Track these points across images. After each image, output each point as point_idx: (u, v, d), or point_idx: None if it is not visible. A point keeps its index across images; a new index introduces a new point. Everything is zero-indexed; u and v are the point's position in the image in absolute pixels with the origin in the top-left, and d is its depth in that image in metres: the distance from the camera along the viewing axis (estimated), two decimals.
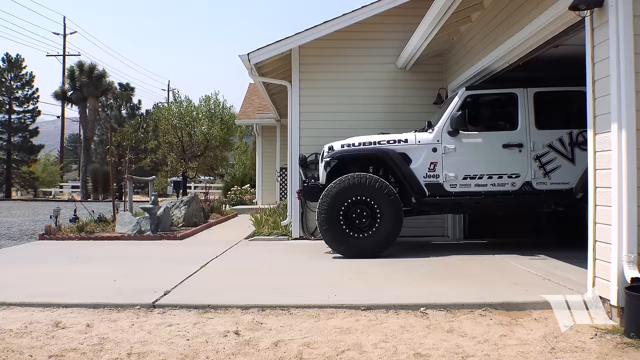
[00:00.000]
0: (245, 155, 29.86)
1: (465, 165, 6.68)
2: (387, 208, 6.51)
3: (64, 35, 37.07)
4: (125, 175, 12.63)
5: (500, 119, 7.15)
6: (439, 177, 6.67)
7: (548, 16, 5.01)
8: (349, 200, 6.55)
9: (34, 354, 3.21)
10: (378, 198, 6.51)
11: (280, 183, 16.26)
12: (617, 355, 3.13)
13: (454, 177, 6.65)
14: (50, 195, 32.33)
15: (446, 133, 6.68)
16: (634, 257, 3.60)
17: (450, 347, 3.26)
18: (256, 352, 3.23)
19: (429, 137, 6.77)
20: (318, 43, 8.60)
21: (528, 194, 6.62)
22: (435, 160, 6.69)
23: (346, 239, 6.59)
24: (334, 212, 6.56)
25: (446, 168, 6.67)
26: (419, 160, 6.70)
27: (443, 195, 6.70)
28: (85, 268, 6.14)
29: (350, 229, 6.59)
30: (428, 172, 6.68)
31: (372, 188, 6.51)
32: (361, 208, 6.58)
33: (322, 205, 6.62)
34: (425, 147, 6.72)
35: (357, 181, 6.56)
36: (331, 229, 6.59)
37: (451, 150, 6.66)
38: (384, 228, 6.53)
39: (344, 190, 6.55)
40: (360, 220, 6.59)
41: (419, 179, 6.69)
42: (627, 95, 3.65)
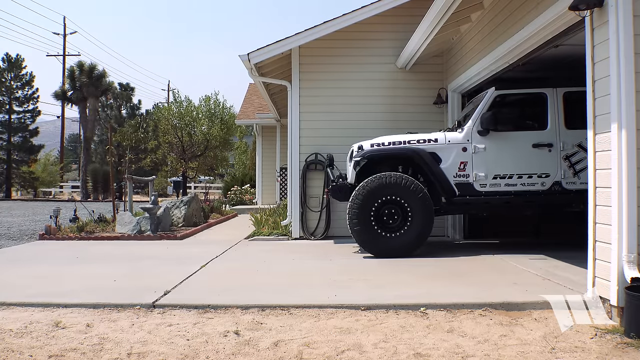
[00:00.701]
0: (245, 155, 29.89)
1: (495, 164, 6.67)
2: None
3: (64, 35, 37.09)
4: (125, 175, 12.64)
5: (529, 119, 7.15)
6: (469, 177, 6.68)
7: (548, 16, 5.01)
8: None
9: (34, 354, 3.21)
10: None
11: (280, 183, 16.26)
12: (617, 355, 3.13)
13: (484, 177, 6.66)
14: (50, 195, 32.34)
15: (476, 133, 6.68)
16: (634, 257, 3.60)
17: (450, 347, 3.26)
18: (256, 352, 3.23)
19: (459, 136, 6.78)
20: (318, 43, 8.61)
21: (558, 194, 6.63)
22: (465, 160, 6.69)
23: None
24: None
25: (476, 168, 6.68)
26: (449, 160, 6.71)
27: (473, 195, 6.70)
28: (85, 268, 6.14)
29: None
30: (458, 171, 6.69)
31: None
32: (392, 207, 6.57)
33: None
34: (455, 147, 6.73)
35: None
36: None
37: (481, 149, 6.66)
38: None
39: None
40: (391, 219, 6.58)
41: (449, 178, 6.70)
42: (627, 95, 3.65)
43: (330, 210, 8.77)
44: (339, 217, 8.80)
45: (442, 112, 8.85)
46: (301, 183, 8.79)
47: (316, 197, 8.83)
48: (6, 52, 47.71)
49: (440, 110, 8.86)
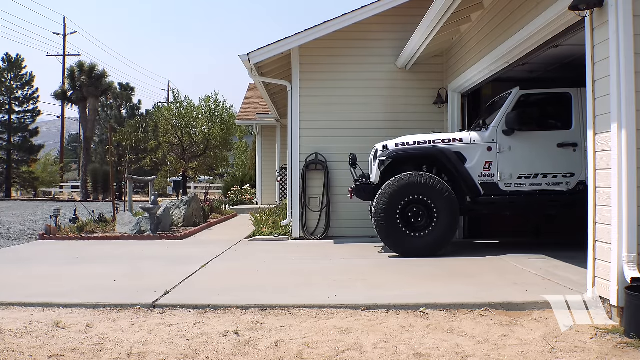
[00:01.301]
0: (245, 155, 29.89)
1: (520, 164, 6.68)
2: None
3: (64, 35, 37.09)
4: (125, 175, 12.64)
5: (554, 119, 7.15)
6: (494, 177, 6.68)
7: (548, 16, 5.01)
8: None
9: (34, 354, 3.21)
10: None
11: (280, 183, 16.26)
12: (617, 355, 3.13)
13: (509, 177, 6.66)
14: (50, 195, 32.33)
15: (501, 132, 6.68)
16: (634, 257, 3.60)
17: (450, 347, 3.26)
18: (256, 352, 3.23)
19: (483, 136, 6.78)
20: (318, 43, 8.60)
21: (582, 193, 6.64)
22: (490, 160, 6.70)
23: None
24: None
25: (501, 167, 6.68)
26: (474, 160, 6.71)
27: (498, 195, 6.71)
28: (85, 268, 6.14)
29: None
30: (483, 171, 6.70)
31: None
32: (418, 207, 6.58)
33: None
34: (480, 147, 6.73)
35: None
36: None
37: (506, 149, 6.67)
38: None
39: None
40: (417, 219, 6.58)
41: (474, 178, 6.70)
42: (627, 95, 3.65)
43: (330, 210, 8.77)
44: (339, 217, 8.81)
45: (442, 112, 8.85)
46: (301, 183, 8.79)
47: (316, 197, 8.83)
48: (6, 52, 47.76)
49: (440, 110, 8.86)
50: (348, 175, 8.84)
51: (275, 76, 9.54)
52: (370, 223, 8.69)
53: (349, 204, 8.82)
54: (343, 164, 8.86)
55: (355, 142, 8.84)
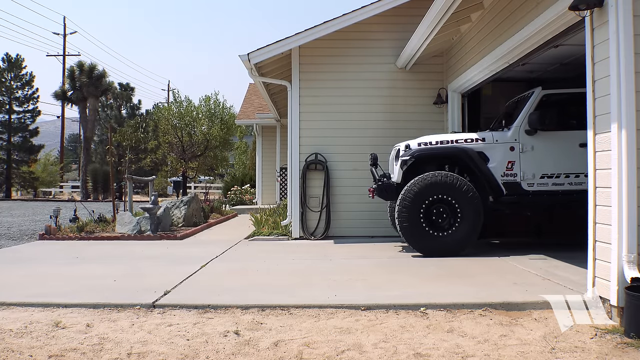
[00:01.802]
0: (245, 155, 29.91)
1: (542, 164, 6.67)
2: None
3: (64, 35, 37.09)
4: (125, 175, 12.64)
5: (576, 118, 7.15)
6: (517, 176, 6.68)
7: (548, 16, 5.01)
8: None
9: (34, 354, 3.21)
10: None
11: (280, 183, 16.26)
12: (617, 355, 3.13)
13: (531, 176, 6.66)
14: (50, 195, 32.34)
15: (524, 132, 6.67)
16: (634, 257, 3.60)
17: (450, 347, 3.26)
18: (256, 352, 3.23)
19: (506, 136, 6.77)
20: (318, 43, 8.60)
21: None
22: (512, 159, 6.69)
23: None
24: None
25: (524, 167, 6.67)
26: (497, 159, 6.71)
27: (520, 194, 6.70)
28: (85, 268, 6.14)
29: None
30: (505, 170, 6.69)
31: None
32: (442, 207, 6.57)
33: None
34: (503, 146, 6.73)
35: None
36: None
37: (529, 149, 6.66)
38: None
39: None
40: (441, 218, 6.58)
41: (497, 177, 6.70)
42: (627, 95, 3.65)
43: (330, 210, 8.77)
44: (339, 217, 8.82)
45: (442, 112, 8.86)
46: (301, 183, 8.79)
47: (316, 197, 8.83)
48: (6, 52, 47.74)
49: (440, 110, 8.86)
50: (348, 175, 8.87)
51: (275, 76, 9.54)
52: (369, 223, 8.75)
53: (349, 204, 8.84)
54: (343, 164, 8.87)
55: (355, 142, 8.85)
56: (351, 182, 8.84)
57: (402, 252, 7.15)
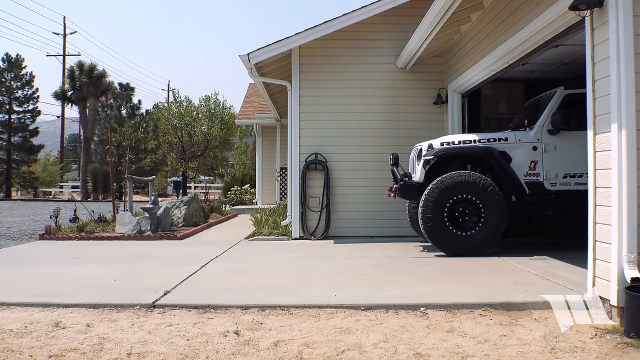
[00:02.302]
0: (245, 155, 29.92)
1: (565, 163, 6.67)
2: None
3: (64, 35, 37.10)
4: (125, 175, 12.64)
5: None
6: (539, 176, 6.69)
7: (548, 16, 5.01)
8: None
9: (34, 354, 3.21)
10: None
11: (280, 183, 16.26)
12: (617, 355, 3.13)
13: (554, 176, 6.66)
14: (50, 195, 32.34)
15: (546, 132, 6.68)
16: (634, 257, 3.60)
17: (450, 347, 3.26)
18: (256, 352, 3.23)
19: (528, 135, 6.77)
20: (318, 43, 8.61)
21: None
22: (535, 159, 6.69)
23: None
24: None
25: (546, 166, 6.68)
26: (519, 159, 6.71)
27: (543, 194, 6.71)
28: (85, 268, 6.14)
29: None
30: (528, 170, 6.69)
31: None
32: (466, 206, 6.56)
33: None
34: (525, 146, 6.73)
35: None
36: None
37: (551, 148, 6.66)
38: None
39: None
40: (464, 218, 6.57)
41: (519, 177, 6.70)
42: (627, 95, 3.65)
43: (330, 210, 8.77)
44: (339, 217, 8.82)
45: (442, 112, 8.86)
46: (301, 183, 8.79)
47: (316, 197, 8.83)
48: (6, 52, 47.74)
49: (440, 110, 8.86)
50: (348, 175, 8.87)
51: (275, 76, 9.54)
52: (369, 223, 8.75)
53: (349, 204, 8.84)
54: (343, 164, 8.88)
55: (355, 142, 8.86)
56: (351, 182, 8.85)
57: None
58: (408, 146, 8.80)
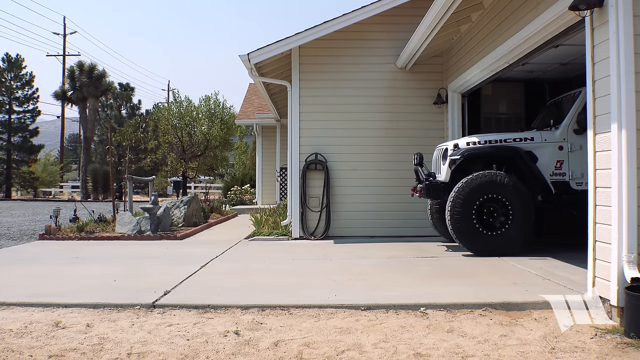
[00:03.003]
0: (245, 155, 29.92)
1: None
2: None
3: (64, 35, 37.10)
4: (125, 175, 12.64)
5: None
6: (565, 175, 6.69)
7: (548, 16, 5.01)
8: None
9: (34, 354, 3.21)
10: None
11: (280, 183, 16.26)
12: (617, 355, 3.13)
13: (580, 176, 6.65)
14: (50, 195, 32.34)
15: (572, 131, 6.67)
16: (634, 257, 3.60)
17: (450, 347, 3.26)
18: (256, 352, 3.23)
19: (554, 135, 6.76)
20: (318, 43, 8.61)
21: None
22: (561, 159, 6.70)
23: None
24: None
25: (572, 166, 6.67)
26: (545, 159, 6.70)
27: (569, 194, 6.70)
28: (85, 268, 6.14)
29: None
30: (554, 170, 6.69)
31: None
32: (494, 206, 6.55)
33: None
34: (551, 146, 6.72)
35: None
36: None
37: (577, 148, 6.64)
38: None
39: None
40: (492, 218, 6.55)
41: (546, 177, 6.70)
42: (627, 95, 3.65)
43: (330, 210, 8.77)
44: (339, 217, 8.82)
45: (442, 112, 8.86)
46: (301, 183, 8.79)
47: (316, 197, 8.83)
48: (6, 52, 47.74)
49: (440, 110, 8.86)
50: (348, 175, 8.87)
51: (275, 76, 9.54)
52: (369, 223, 8.75)
53: (349, 204, 8.84)
54: (343, 164, 8.88)
55: (355, 142, 8.86)
56: (351, 182, 8.85)
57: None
58: (408, 146, 8.83)
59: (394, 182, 8.79)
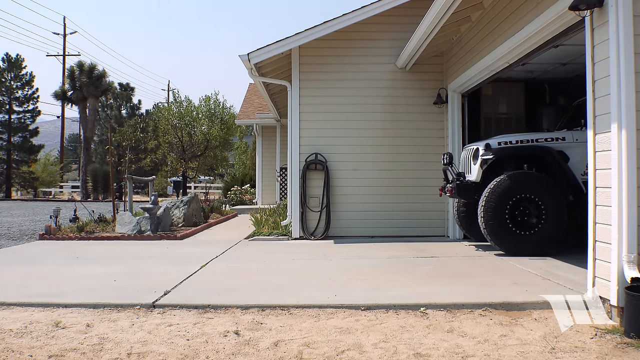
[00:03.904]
0: (245, 155, 29.91)
1: None
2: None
3: (64, 35, 37.09)
4: (125, 175, 12.64)
5: None
6: None
7: (548, 16, 5.01)
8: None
9: (34, 354, 3.21)
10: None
11: (280, 183, 16.27)
12: (617, 355, 3.13)
13: None
14: (50, 195, 32.34)
15: None
16: (634, 257, 3.60)
17: (450, 347, 3.26)
18: (256, 352, 3.23)
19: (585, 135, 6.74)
20: (318, 43, 8.61)
21: None
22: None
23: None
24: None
25: None
26: (577, 158, 6.68)
27: None
28: (85, 268, 6.14)
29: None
30: (585, 169, 6.61)
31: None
32: (527, 205, 6.52)
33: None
34: (583, 145, 6.65)
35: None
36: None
37: None
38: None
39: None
40: (526, 217, 6.53)
41: (577, 176, 6.69)
42: (627, 95, 3.65)
43: (330, 210, 8.77)
44: (339, 217, 8.82)
45: (442, 112, 8.86)
46: (301, 183, 8.79)
47: (316, 197, 8.83)
48: (6, 52, 47.71)
49: (440, 110, 8.86)
50: (348, 175, 8.88)
51: (275, 76, 9.54)
52: (369, 223, 8.75)
53: (349, 204, 8.84)
54: (343, 164, 8.88)
55: (355, 142, 8.86)
56: (351, 182, 8.85)
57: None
58: (408, 146, 8.83)
59: (394, 182, 8.80)
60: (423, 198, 8.76)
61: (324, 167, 8.79)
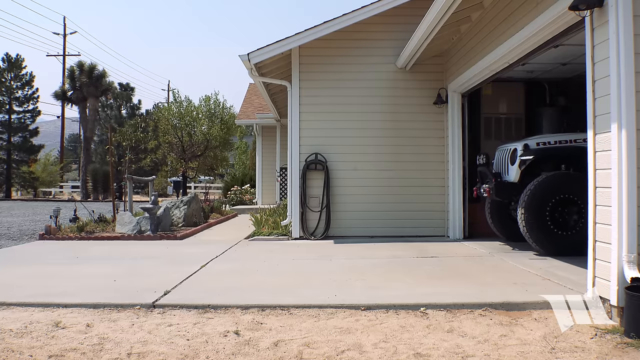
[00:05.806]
0: (245, 155, 29.90)
1: None
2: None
3: (64, 35, 37.08)
4: (125, 175, 12.64)
5: None
6: None
7: (548, 16, 5.01)
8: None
9: (34, 354, 3.21)
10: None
11: (280, 183, 16.26)
12: (617, 355, 3.13)
13: None
14: (50, 195, 32.34)
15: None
16: (634, 257, 3.60)
17: (450, 347, 3.26)
18: (256, 352, 3.23)
19: None
20: (318, 43, 8.61)
21: None
22: None
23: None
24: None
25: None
26: None
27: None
28: (86, 268, 6.14)
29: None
30: None
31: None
32: (567, 206, 6.50)
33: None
34: None
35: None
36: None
37: None
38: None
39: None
40: (566, 218, 6.50)
41: None
42: (627, 95, 3.66)
43: (330, 210, 8.77)
44: (339, 217, 8.82)
45: (442, 112, 8.85)
46: (301, 183, 8.79)
47: (316, 197, 8.83)
48: (6, 52, 47.72)
49: (440, 110, 8.86)
50: (348, 175, 8.88)
51: (275, 76, 9.54)
52: (369, 223, 8.75)
53: (349, 204, 8.84)
54: (343, 164, 8.88)
55: (355, 142, 8.86)
56: (351, 182, 8.85)
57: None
58: (408, 146, 8.83)
59: (394, 182, 8.80)
60: (423, 198, 8.76)
61: (324, 167, 8.79)
